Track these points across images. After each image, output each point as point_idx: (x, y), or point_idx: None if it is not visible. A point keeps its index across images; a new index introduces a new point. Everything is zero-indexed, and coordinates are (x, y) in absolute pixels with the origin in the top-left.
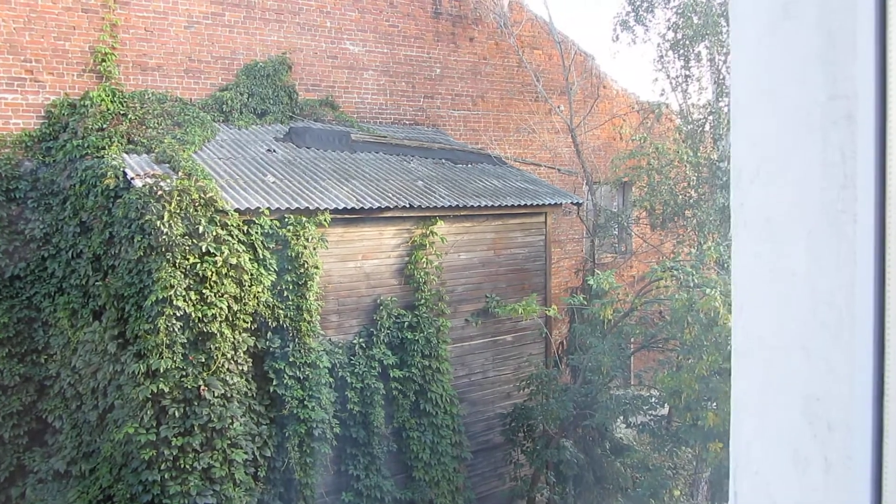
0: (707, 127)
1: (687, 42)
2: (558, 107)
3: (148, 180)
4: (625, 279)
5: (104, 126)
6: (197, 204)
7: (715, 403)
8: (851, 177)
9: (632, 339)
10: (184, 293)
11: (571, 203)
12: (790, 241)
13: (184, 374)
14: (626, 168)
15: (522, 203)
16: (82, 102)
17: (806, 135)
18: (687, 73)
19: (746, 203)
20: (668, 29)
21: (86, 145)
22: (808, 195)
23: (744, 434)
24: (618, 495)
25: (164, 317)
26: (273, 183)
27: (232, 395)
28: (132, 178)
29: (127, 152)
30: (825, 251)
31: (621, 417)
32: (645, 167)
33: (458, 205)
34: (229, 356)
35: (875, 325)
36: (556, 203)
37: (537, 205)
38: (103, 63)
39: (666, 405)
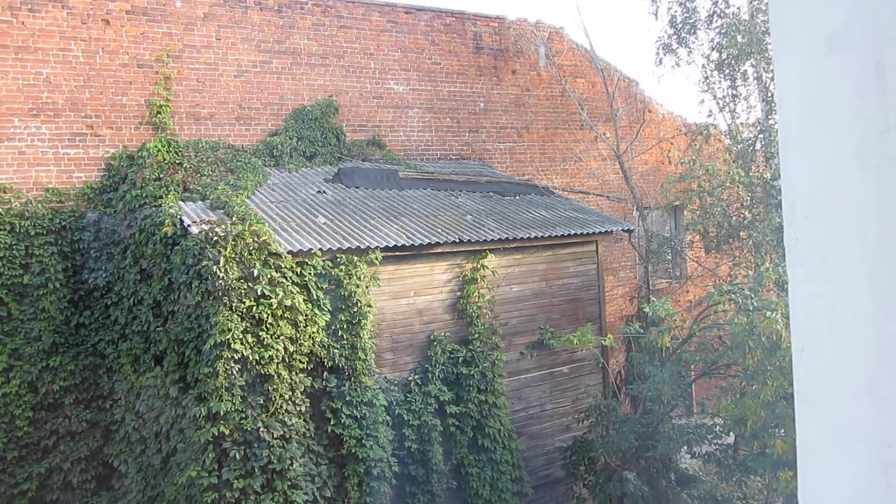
0: (758, 145)
1: (732, 61)
2: (604, 134)
3: (204, 227)
4: (681, 305)
5: (161, 175)
6: (251, 248)
7: (783, 430)
8: None
9: (692, 366)
10: (241, 336)
11: (622, 230)
12: (851, 281)
13: (243, 416)
14: (676, 192)
15: (572, 232)
16: (140, 154)
17: (860, 171)
18: (734, 92)
19: (802, 239)
20: (713, 49)
21: (144, 195)
22: (867, 233)
23: (813, 482)
24: None
25: (222, 360)
26: (324, 224)
27: (291, 436)
28: (189, 225)
29: (183, 200)
30: (888, 291)
31: (685, 447)
32: (696, 190)
33: (507, 237)
34: (287, 397)
35: None
36: (606, 231)
37: (587, 233)
38: (158, 115)
39: (731, 433)
